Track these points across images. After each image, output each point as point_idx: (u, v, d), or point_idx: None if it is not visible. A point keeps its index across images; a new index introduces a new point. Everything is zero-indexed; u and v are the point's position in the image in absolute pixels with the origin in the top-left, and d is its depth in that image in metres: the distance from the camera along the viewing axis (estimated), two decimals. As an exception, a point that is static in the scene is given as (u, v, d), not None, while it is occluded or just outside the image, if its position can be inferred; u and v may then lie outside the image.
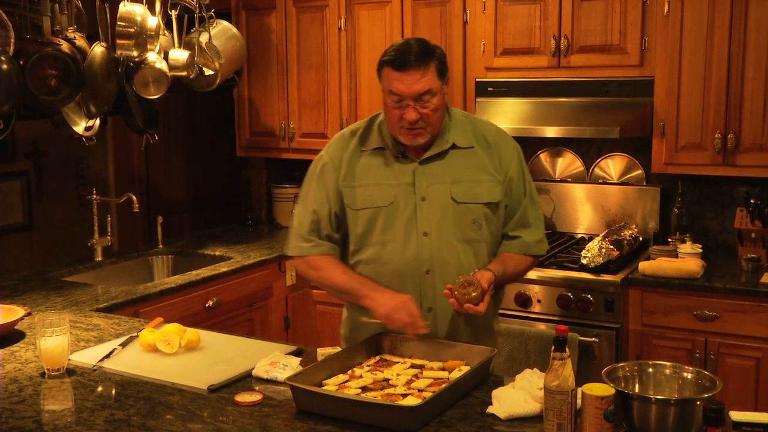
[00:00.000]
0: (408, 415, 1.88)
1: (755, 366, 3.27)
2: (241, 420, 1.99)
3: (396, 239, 2.35)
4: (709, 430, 1.69)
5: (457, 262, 2.34)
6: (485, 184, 2.35)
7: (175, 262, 4.14)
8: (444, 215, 2.33)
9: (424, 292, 2.35)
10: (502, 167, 2.38)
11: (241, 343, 2.60)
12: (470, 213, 2.34)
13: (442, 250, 2.33)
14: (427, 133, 2.30)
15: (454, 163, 2.36)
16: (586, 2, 3.71)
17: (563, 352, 1.81)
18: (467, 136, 2.39)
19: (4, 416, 2.03)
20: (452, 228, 2.34)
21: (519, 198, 2.42)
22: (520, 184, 2.41)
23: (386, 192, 2.36)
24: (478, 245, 2.37)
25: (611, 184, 4.11)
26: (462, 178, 2.35)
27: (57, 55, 3.07)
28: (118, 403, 2.12)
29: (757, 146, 3.47)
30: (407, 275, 2.34)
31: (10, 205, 4.98)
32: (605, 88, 3.72)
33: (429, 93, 2.25)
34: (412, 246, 2.33)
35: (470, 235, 2.35)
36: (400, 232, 2.34)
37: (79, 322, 2.86)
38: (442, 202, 2.34)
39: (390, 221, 2.35)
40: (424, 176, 2.35)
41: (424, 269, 2.34)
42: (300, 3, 4.41)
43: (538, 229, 2.48)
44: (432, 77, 2.25)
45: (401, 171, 2.36)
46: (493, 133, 2.42)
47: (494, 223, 2.39)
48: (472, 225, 2.35)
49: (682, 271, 3.39)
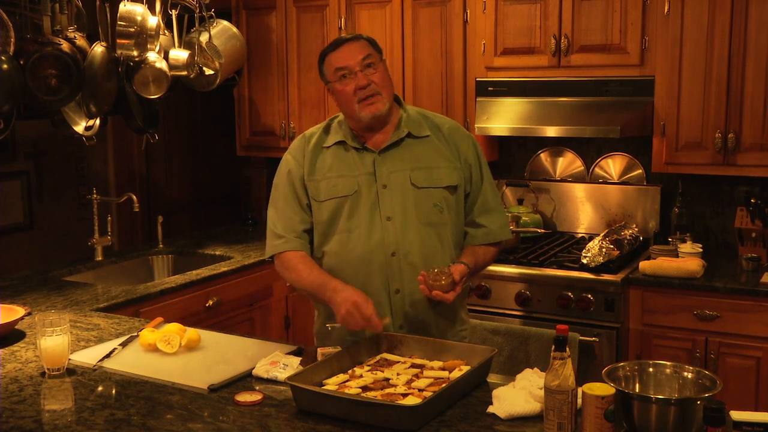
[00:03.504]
0: (408, 414, 1.88)
1: (756, 365, 3.27)
2: (241, 419, 1.99)
3: (361, 225, 2.42)
4: (710, 429, 1.69)
5: (421, 245, 2.42)
6: (443, 170, 2.45)
7: (175, 261, 4.14)
8: (405, 200, 2.42)
9: (390, 274, 2.42)
10: (460, 154, 2.48)
11: (241, 342, 2.60)
12: (431, 197, 2.43)
13: (406, 233, 2.41)
14: (383, 98, 2.40)
15: (411, 151, 2.46)
16: (586, 2, 3.71)
17: (563, 351, 1.81)
18: (422, 127, 2.50)
19: (5, 416, 2.04)
20: (414, 212, 2.42)
21: (478, 184, 2.52)
22: (477, 171, 2.51)
23: (349, 182, 2.44)
24: (441, 228, 2.45)
25: (611, 183, 4.11)
26: (420, 164, 2.45)
27: (57, 54, 3.07)
28: (119, 402, 2.12)
29: (757, 146, 3.48)
30: (374, 259, 2.41)
31: (11, 205, 4.99)
32: (605, 88, 3.72)
33: (370, 57, 2.40)
34: (376, 231, 2.41)
35: (432, 219, 2.44)
36: (365, 218, 2.42)
37: (80, 321, 2.86)
38: (403, 188, 2.43)
39: (354, 209, 2.43)
40: (384, 165, 2.45)
41: (389, 252, 2.41)
42: (300, 2, 4.42)
43: (501, 214, 2.57)
44: (367, 46, 2.42)
45: (362, 162, 2.46)
46: (447, 125, 2.54)
47: (454, 207, 2.48)
48: (433, 208, 2.44)
49: (682, 270, 3.39)
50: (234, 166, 5.21)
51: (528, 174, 4.33)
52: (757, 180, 3.69)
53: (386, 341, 2.34)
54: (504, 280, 3.62)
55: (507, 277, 3.61)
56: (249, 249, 4.11)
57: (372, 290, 2.38)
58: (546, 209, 4.22)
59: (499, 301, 3.64)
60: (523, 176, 4.33)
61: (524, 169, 4.34)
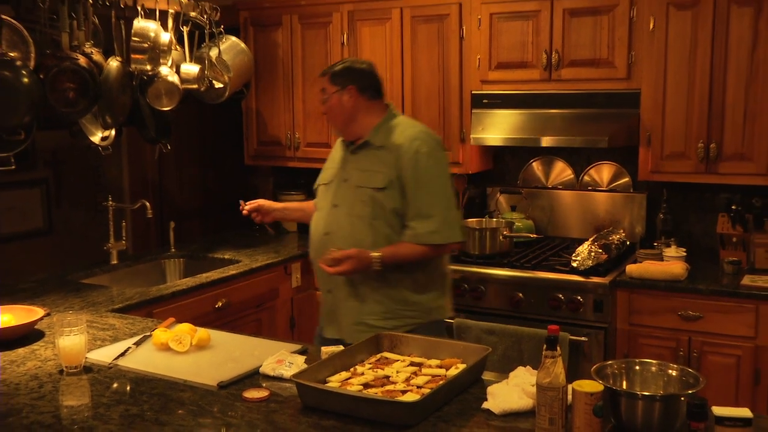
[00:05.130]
0: (407, 410, 1.88)
1: (736, 363, 3.27)
2: (249, 415, 1.99)
3: (321, 208, 2.87)
4: (693, 424, 1.69)
5: (349, 231, 2.74)
6: (378, 174, 2.72)
7: (186, 265, 4.14)
8: (349, 194, 2.77)
9: (323, 248, 2.75)
10: (397, 166, 2.71)
11: (249, 342, 2.60)
12: (362, 194, 2.73)
13: (341, 219, 2.77)
14: (333, 123, 2.87)
15: (367, 156, 2.78)
16: (576, 18, 3.72)
17: (555, 350, 1.81)
18: (384, 139, 2.77)
19: (25, 411, 2.04)
20: (351, 204, 2.76)
21: (411, 193, 2.70)
22: (411, 182, 2.69)
23: (329, 173, 2.89)
24: (372, 221, 2.72)
25: (600, 190, 4.11)
26: (366, 168, 2.76)
27: (75, 69, 3.07)
28: (133, 399, 2.12)
29: (738, 155, 3.48)
30: (317, 234, 2.85)
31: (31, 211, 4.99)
32: (594, 100, 3.73)
33: (323, 92, 2.82)
34: (326, 214, 2.83)
35: (360, 212, 2.73)
36: (326, 203, 2.84)
37: (96, 322, 2.86)
38: (352, 184, 2.77)
39: (324, 195, 2.87)
40: (350, 163, 2.82)
41: (325, 231, 2.80)
42: (305, 19, 4.42)
43: (434, 222, 2.69)
44: (325, 81, 2.81)
45: (342, 158, 2.86)
46: (401, 140, 2.74)
47: (382, 205, 2.71)
48: (362, 204, 2.73)
49: (667, 273, 3.39)
50: (242, 175, 5.21)
51: (521, 182, 4.33)
52: (738, 187, 3.69)
53: (387, 341, 2.35)
54: (498, 282, 3.62)
55: (501, 279, 3.62)
56: (256, 253, 4.11)
57: (315, 258, 2.82)
58: (538, 215, 4.23)
59: (494, 302, 3.64)
60: (516, 184, 4.34)
61: (517, 177, 4.34)
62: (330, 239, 2.76)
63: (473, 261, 3.74)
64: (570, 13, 3.73)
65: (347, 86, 2.76)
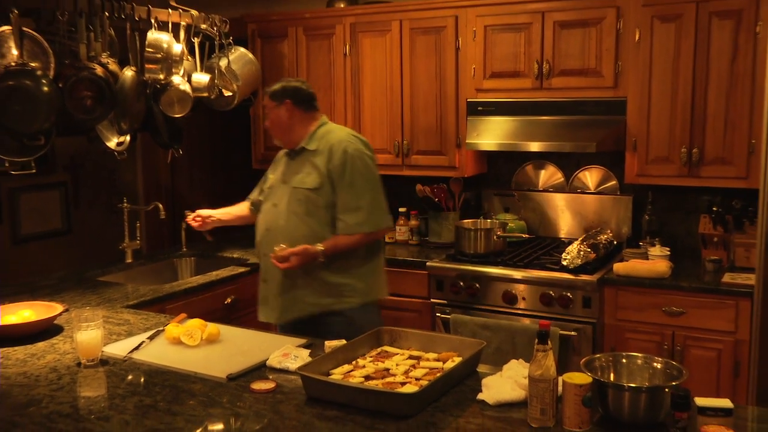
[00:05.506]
0: (406, 401, 1.88)
1: (717, 356, 3.26)
2: (256, 406, 1.99)
3: (264, 209, 3.09)
4: (677, 414, 1.69)
5: (284, 226, 2.96)
6: (312, 176, 2.94)
7: (197, 263, 4.13)
8: (286, 194, 2.99)
9: (266, 243, 3.00)
10: (329, 166, 2.92)
11: (256, 336, 2.60)
12: (297, 194, 2.95)
13: (279, 217, 2.99)
14: (275, 134, 3.08)
15: (303, 160, 3.01)
16: (565, 30, 3.72)
17: (546, 344, 1.81)
18: (317, 144, 2.99)
19: (45, 401, 2.04)
20: (287, 202, 2.97)
21: (340, 189, 2.91)
22: (340, 180, 2.91)
23: (272, 179, 3.14)
24: (306, 217, 2.93)
25: (588, 193, 4.11)
26: (301, 170, 2.99)
27: (92, 78, 3.07)
28: (146, 390, 2.12)
29: (718, 159, 3.48)
30: (261, 230, 3.07)
31: (51, 213, 5.00)
32: (583, 108, 3.73)
33: (266, 107, 3.08)
34: (267, 212, 3.06)
35: (296, 210, 2.95)
36: (268, 204, 3.07)
37: (112, 317, 2.86)
38: (290, 185, 2.99)
39: (267, 197, 3.11)
40: (288, 167, 3.06)
41: (267, 227, 3.03)
42: (309, 31, 4.42)
43: (361, 214, 2.91)
44: (267, 99, 3.06)
45: (284, 164, 3.09)
46: (332, 143, 2.97)
47: (315, 203, 2.93)
48: (297, 202, 2.95)
49: (652, 271, 3.39)
50: (249, 178, 5.20)
51: (514, 185, 4.33)
52: (719, 190, 3.69)
53: (387, 335, 2.35)
54: (492, 280, 3.62)
55: (495, 277, 3.61)
56: (263, 252, 4.10)
57: (259, 252, 3.09)
58: (530, 216, 4.22)
59: (488, 299, 3.64)
60: (509, 187, 4.33)
61: (510, 181, 4.34)
62: (270, 234, 3.00)
63: (468, 260, 3.74)
64: (560, 25, 3.73)
65: (284, 101, 3.01)
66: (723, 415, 1.70)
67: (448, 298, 3.72)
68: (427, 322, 3.81)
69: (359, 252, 2.95)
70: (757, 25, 3.32)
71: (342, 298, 2.92)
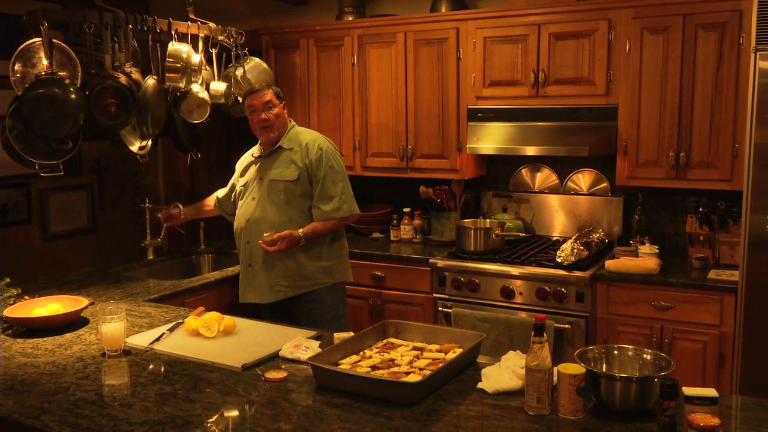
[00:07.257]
0: (411, 389, 1.88)
1: (703, 348, 3.25)
2: (270, 393, 1.99)
3: (243, 203, 3.27)
4: (665, 403, 1.68)
5: (262, 215, 3.15)
6: (290, 169, 3.15)
7: (215, 260, 4.14)
8: (265, 188, 3.18)
9: (247, 232, 3.21)
10: (305, 161, 3.14)
11: (270, 328, 2.60)
12: (277, 186, 3.15)
13: (258, 208, 3.18)
14: (274, 129, 3.19)
15: (278, 157, 3.20)
16: (560, 42, 3.71)
17: (542, 336, 1.81)
18: (292, 142, 3.20)
19: (72, 389, 2.04)
20: (267, 194, 3.16)
21: (318, 180, 3.13)
22: (318, 171, 3.13)
23: (244, 178, 3.30)
24: (287, 207, 3.14)
25: (582, 194, 4.09)
26: (279, 166, 3.17)
27: (116, 86, 3.07)
28: (167, 379, 2.12)
29: (704, 163, 3.47)
30: (242, 221, 3.23)
31: (77, 213, 5.01)
32: (576, 114, 3.72)
33: (270, 102, 3.16)
34: (247, 205, 3.23)
35: (275, 199, 3.15)
36: (247, 198, 3.25)
37: (134, 310, 2.87)
38: (267, 180, 3.18)
39: (244, 193, 3.28)
40: (263, 165, 3.23)
41: (247, 218, 3.20)
42: (320, 43, 4.42)
43: (336, 201, 3.14)
44: (271, 95, 3.18)
45: (255, 164, 3.27)
46: (306, 141, 3.19)
47: (293, 193, 3.14)
48: (277, 193, 3.15)
49: (641, 268, 3.38)
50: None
51: (511, 186, 4.32)
52: (705, 192, 3.68)
53: (392, 328, 2.34)
54: (491, 276, 3.61)
55: (493, 273, 3.60)
56: (276, 249, 4.09)
57: (240, 240, 3.24)
58: (526, 216, 4.21)
59: (487, 293, 3.63)
60: (507, 188, 4.32)
61: (508, 183, 4.33)
62: (252, 224, 3.18)
63: (469, 257, 3.73)
64: (555, 36, 3.72)
65: (284, 101, 3.24)
66: (709, 404, 1.69)
67: (450, 293, 3.72)
68: (430, 315, 3.81)
69: (327, 238, 3.19)
70: (741, 37, 3.30)
71: (315, 281, 3.17)
